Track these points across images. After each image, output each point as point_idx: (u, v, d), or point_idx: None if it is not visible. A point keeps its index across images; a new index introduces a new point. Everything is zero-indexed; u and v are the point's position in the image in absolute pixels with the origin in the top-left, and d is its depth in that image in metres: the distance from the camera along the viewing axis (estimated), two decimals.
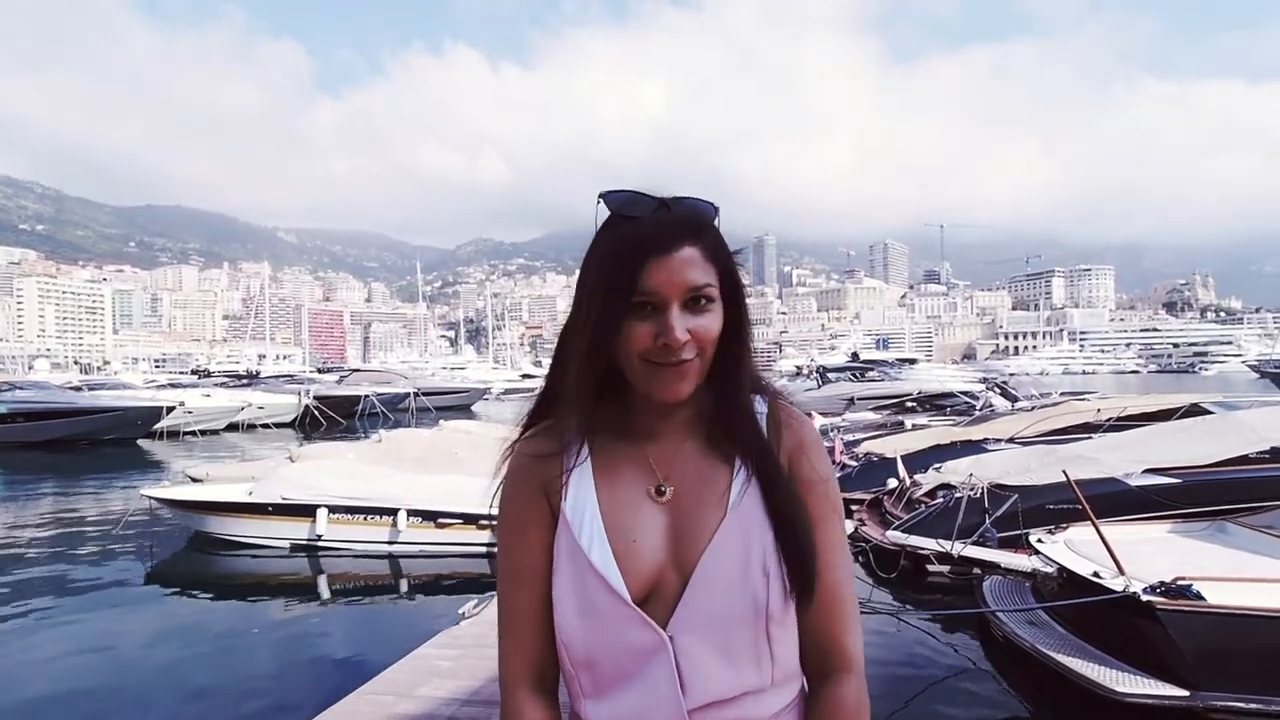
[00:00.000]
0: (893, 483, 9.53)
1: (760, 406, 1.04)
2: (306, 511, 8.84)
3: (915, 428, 14.78)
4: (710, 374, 0.98)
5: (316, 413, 30.45)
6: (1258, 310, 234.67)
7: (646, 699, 0.92)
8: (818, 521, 1.00)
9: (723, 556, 0.94)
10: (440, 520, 8.61)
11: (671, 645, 0.92)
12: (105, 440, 23.57)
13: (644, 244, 0.91)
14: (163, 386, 36.98)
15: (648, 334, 0.91)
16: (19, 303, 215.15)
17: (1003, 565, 6.56)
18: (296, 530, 8.92)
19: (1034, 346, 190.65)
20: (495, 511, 1.06)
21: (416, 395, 35.70)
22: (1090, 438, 10.07)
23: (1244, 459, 7.73)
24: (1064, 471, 6.18)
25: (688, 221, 0.94)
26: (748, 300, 1.02)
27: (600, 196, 0.95)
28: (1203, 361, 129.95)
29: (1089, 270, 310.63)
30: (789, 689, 0.99)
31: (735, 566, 0.94)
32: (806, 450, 1.04)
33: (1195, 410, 11.44)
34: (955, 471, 8.53)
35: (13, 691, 5.65)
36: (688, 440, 1.02)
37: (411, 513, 8.70)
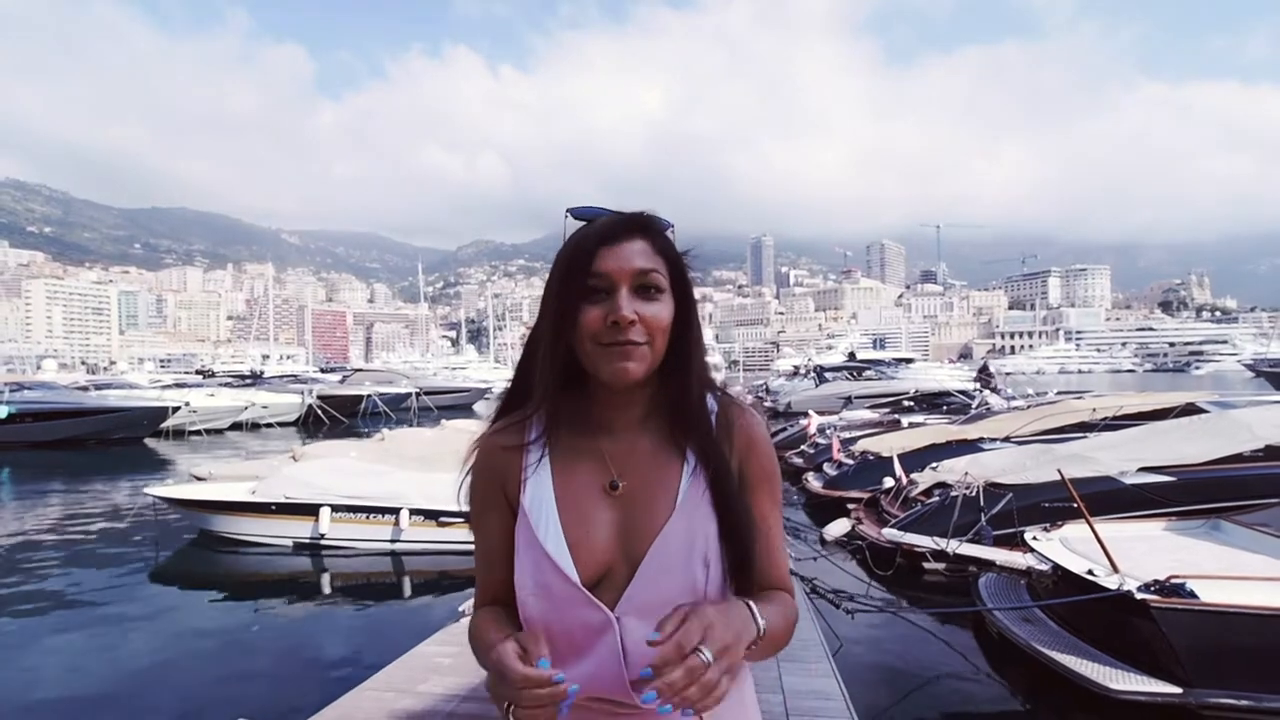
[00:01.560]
0: (889, 481, 9.57)
1: (711, 405, 1.11)
2: (309, 510, 8.88)
3: (912, 426, 14.81)
4: (664, 370, 1.07)
5: (320, 412, 30.52)
6: (1253, 309, 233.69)
7: (595, 669, 1.02)
8: (765, 516, 1.11)
9: (668, 549, 1.03)
10: (442, 519, 8.65)
11: (618, 625, 1.01)
12: (112, 440, 23.62)
13: (595, 235, 1.03)
14: (168, 386, 36.86)
15: (598, 316, 1.01)
16: (27, 304, 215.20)
17: (998, 563, 6.62)
18: (299, 529, 8.96)
19: (1030, 346, 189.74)
20: (464, 503, 1.16)
21: (418, 395, 35.79)
22: (1086, 436, 10.11)
23: (1238, 457, 7.77)
24: (1059, 470, 6.22)
25: (635, 219, 1.06)
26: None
27: (567, 211, 1.08)
28: (1198, 360, 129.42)
29: (1085, 270, 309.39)
30: None
31: (678, 558, 1.02)
32: (755, 448, 1.12)
33: (1191, 409, 11.45)
34: (951, 470, 8.58)
35: (18, 688, 5.68)
36: (642, 437, 1.10)
37: (414, 511, 8.74)
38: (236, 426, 28.18)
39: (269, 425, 29.29)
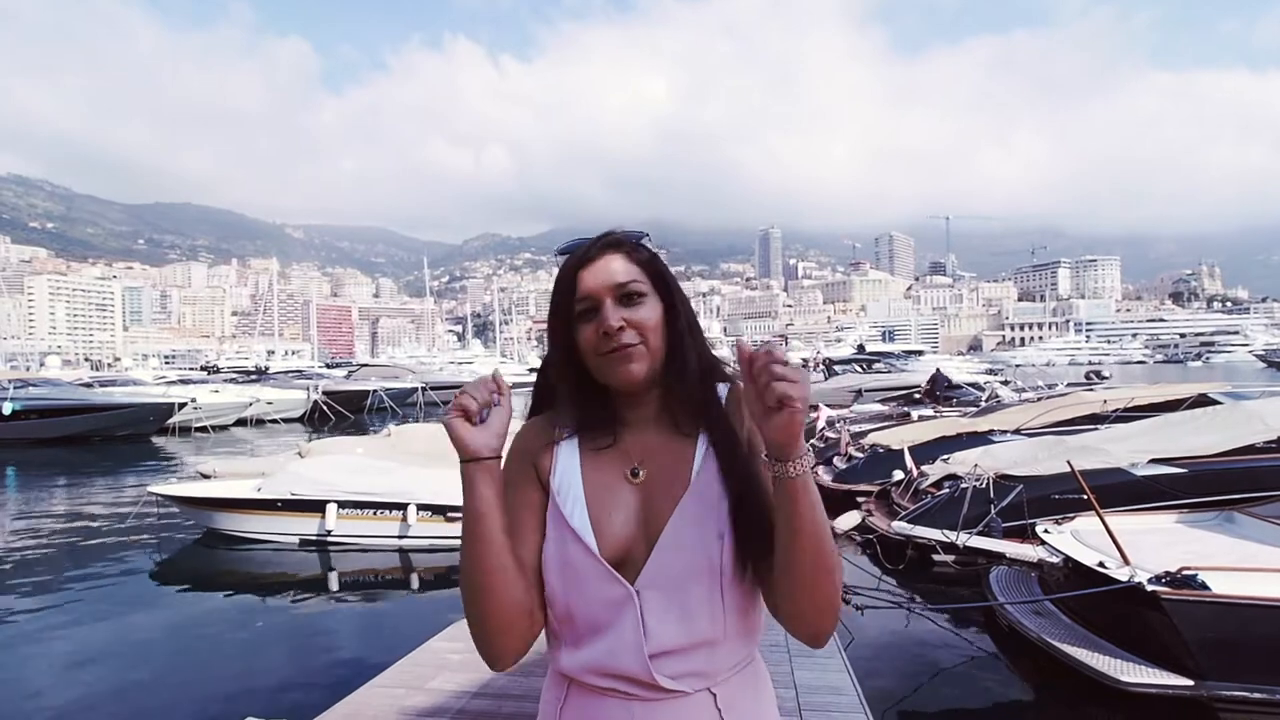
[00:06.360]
0: (899, 474, 9.55)
1: (722, 391, 1.20)
2: (315, 507, 8.89)
3: (921, 419, 14.77)
4: (669, 366, 1.16)
5: (325, 408, 30.57)
6: (1264, 300, 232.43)
7: (614, 644, 1.07)
8: None
9: (683, 524, 1.09)
10: (450, 514, 8.65)
11: (638, 598, 1.07)
12: (117, 437, 23.68)
13: (574, 262, 1.16)
14: (173, 383, 36.93)
15: (592, 332, 1.12)
16: (30, 300, 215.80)
17: (1009, 555, 6.59)
18: (306, 525, 8.98)
19: (1040, 337, 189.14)
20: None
21: (424, 390, 35.84)
22: (1097, 428, 10.06)
23: (1251, 449, 7.71)
24: (1069, 462, 6.18)
25: (605, 239, 1.17)
26: (690, 298, 1.19)
27: (555, 252, 1.21)
28: (1209, 351, 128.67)
29: (1095, 261, 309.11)
30: (744, 647, 1.12)
31: (694, 532, 1.08)
32: None
33: (1203, 400, 11.40)
34: (962, 462, 8.54)
35: (22, 686, 5.70)
36: (658, 428, 1.18)
37: (421, 507, 8.74)
38: (242, 423, 28.24)
39: (274, 421, 29.32)
